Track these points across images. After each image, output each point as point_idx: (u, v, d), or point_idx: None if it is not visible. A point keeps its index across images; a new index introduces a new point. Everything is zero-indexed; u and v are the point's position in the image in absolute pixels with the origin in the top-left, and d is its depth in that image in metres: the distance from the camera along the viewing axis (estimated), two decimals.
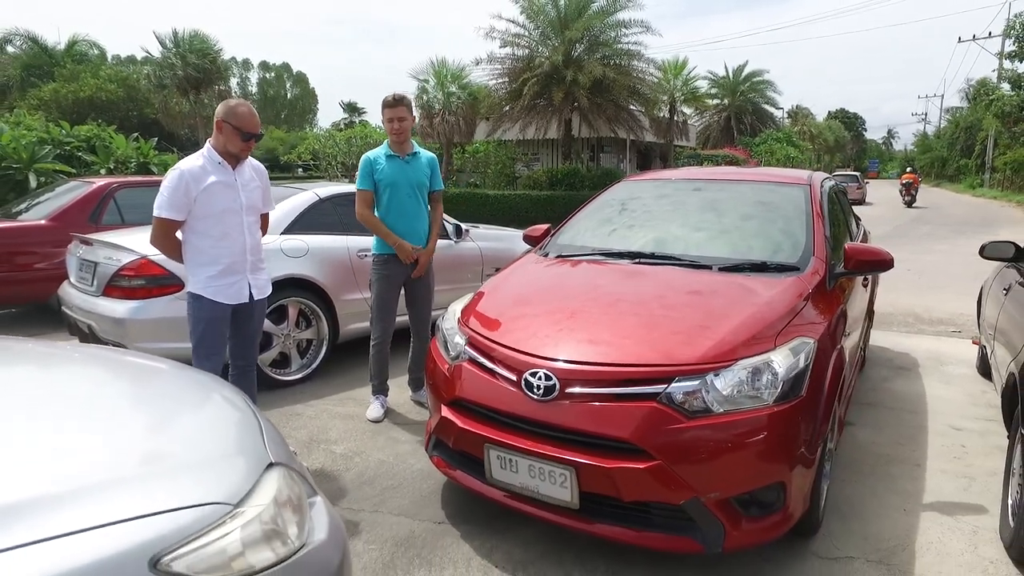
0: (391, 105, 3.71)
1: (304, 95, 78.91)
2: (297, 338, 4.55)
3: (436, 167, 3.94)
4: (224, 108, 2.90)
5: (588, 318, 2.57)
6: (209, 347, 2.99)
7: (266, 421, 1.78)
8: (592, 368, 2.28)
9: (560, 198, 17.69)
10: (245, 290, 3.05)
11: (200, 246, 2.92)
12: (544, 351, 2.39)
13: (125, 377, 1.91)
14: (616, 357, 2.30)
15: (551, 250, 3.49)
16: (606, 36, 19.28)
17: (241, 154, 2.96)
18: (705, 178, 3.91)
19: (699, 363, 2.25)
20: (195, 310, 2.96)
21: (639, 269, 3.03)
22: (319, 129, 46.29)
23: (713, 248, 3.17)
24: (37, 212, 6.39)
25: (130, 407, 1.65)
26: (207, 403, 1.74)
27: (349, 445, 3.54)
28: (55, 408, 1.52)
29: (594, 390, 2.26)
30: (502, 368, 2.45)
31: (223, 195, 2.90)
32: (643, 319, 2.52)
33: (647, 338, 2.38)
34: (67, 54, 31.77)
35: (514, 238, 6.23)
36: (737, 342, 2.33)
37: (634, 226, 3.56)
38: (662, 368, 2.24)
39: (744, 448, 2.17)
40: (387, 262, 3.81)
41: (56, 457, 1.25)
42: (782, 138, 35.31)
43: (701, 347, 2.30)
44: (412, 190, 3.78)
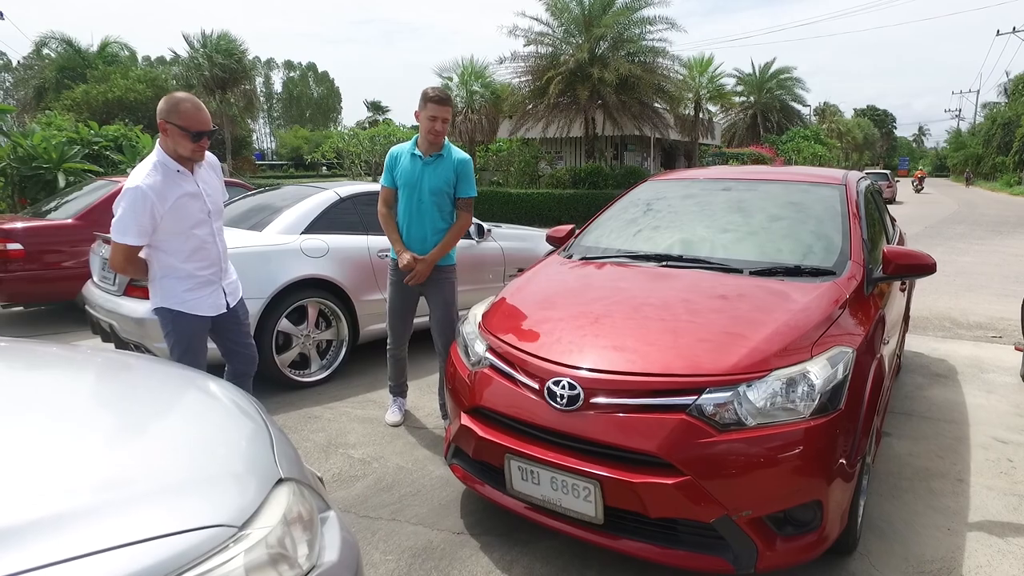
0: (438, 102, 3.32)
1: (329, 94, 79.56)
2: (316, 339, 4.51)
3: (467, 170, 3.51)
4: (165, 105, 2.54)
5: (614, 324, 2.47)
6: (195, 359, 2.76)
7: (276, 429, 1.71)
8: (618, 377, 2.18)
9: (583, 197, 17.55)
10: (222, 298, 2.86)
11: (171, 262, 2.69)
12: (568, 358, 2.30)
13: (124, 381, 1.84)
14: (643, 366, 2.20)
15: (575, 252, 3.40)
16: (631, 33, 19.09)
17: (194, 156, 2.64)
18: (734, 177, 3.78)
19: (731, 373, 2.14)
20: (175, 327, 2.74)
21: (667, 272, 2.92)
22: (343, 128, 46.62)
23: (743, 251, 3.05)
24: (65, 211, 6.47)
25: (126, 415, 1.56)
26: (213, 411, 1.67)
27: (368, 450, 3.48)
28: (40, 416, 1.46)
29: (620, 400, 2.16)
30: (524, 376, 2.36)
31: (191, 208, 2.65)
32: (671, 325, 2.41)
33: (676, 346, 2.27)
34: (99, 56, 32.38)
35: (537, 238, 6.14)
36: (771, 351, 2.21)
37: (661, 227, 3.44)
38: (692, 378, 2.13)
39: (779, 464, 2.06)
40: (399, 267, 3.63)
41: (42, 475, 1.17)
42: (810, 136, 34.66)
43: (733, 356, 2.19)
44: (427, 196, 3.43)
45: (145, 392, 1.77)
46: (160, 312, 2.79)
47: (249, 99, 28.86)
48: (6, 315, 6.61)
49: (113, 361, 2.08)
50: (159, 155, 2.61)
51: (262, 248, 4.25)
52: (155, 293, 2.77)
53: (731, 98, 30.32)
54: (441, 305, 3.67)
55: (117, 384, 1.84)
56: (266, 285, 4.15)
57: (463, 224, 3.60)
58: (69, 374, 1.84)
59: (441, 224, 3.54)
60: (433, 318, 3.71)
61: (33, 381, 1.75)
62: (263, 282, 4.14)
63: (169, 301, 2.74)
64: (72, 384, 1.76)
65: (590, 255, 3.28)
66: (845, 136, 44.65)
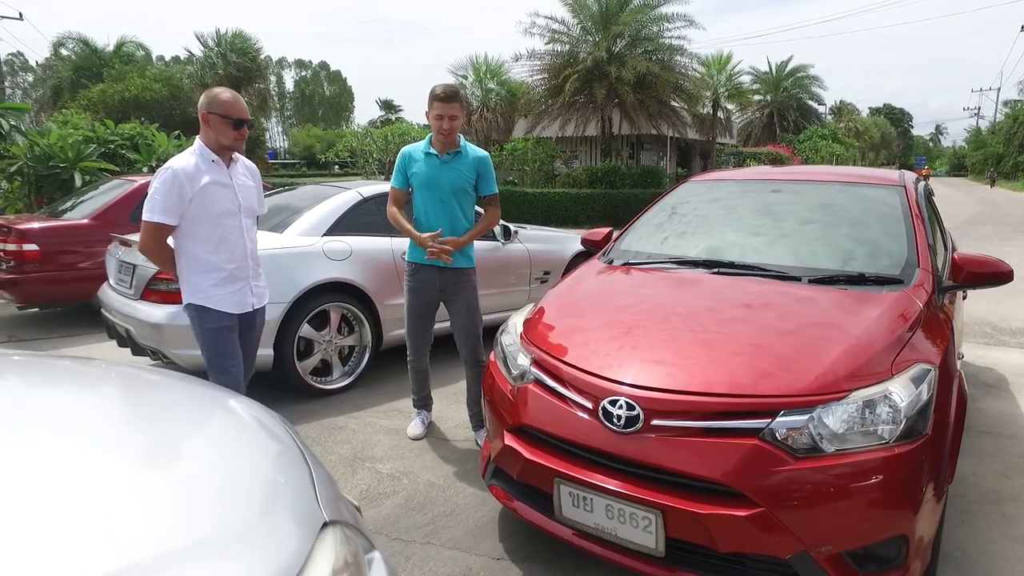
0: (444, 99, 3.17)
1: (341, 93, 79.74)
2: (339, 345, 4.35)
3: (487, 168, 3.39)
4: (206, 99, 2.67)
5: (671, 337, 2.28)
6: (225, 358, 2.77)
7: (313, 458, 1.53)
8: (682, 397, 2.00)
9: (600, 196, 17.34)
10: (248, 298, 2.84)
11: (197, 253, 2.69)
12: (624, 376, 2.11)
13: (143, 404, 1.66)
14: (709, 385, 2.01)
15: (616, 257, 3.21)
16: (649, 31, 18.85)
17: (235, 144, 2.72)
18: (782, 178, 3.57)
19: (806, 394, 1.94)
20: (201, 323, 2.73)
21: (720, 280, 2.73)
22: (356, 127, 46.63)
23: (799, 257, 2.85)
24: (81, 211, 6.36)
25: (147, 450, 1.35)
26: (244, 440, 1.49)
27: (396, 464, 3.31)
28: (46, 451, 1.27)
29: (684, 423, 1.97)
30: (575, 394, 2.18)
31: (220, 196, 2.68)
32: (734, 340, 2.22)
33: (743, 363, 2.08)
34: (115, 55, 32.52)
35: (564, 240, 5.96)
36: (848, 370, 2.02)
37: (707, 231, 3.24)
38: (764, 399, 1.94)
39: (861, 495, 1.87)
40: (417, 271, 3.40)
41: (52, 535, 0.97)
42: (827, 135, 34.20)
43: (807, 375, 2.00)
44: (449, 194, 3.29)
45: (167, 418, 1.59)
46: (188, 309, 2.77)
47: (263, 98, 28.89)
48: (22, 316, 6.51)
49: (130, 379, 1.90)
50: (198, 147, 2.69)
51: (283, 250, 4.10)
52: (184, 290, 2.77)
53: (749, 96, 29.92)
54: (464, 310, 3.48)
55: (136, 408, 1.67)
56: (287, 289, 3.99)
57: (492, 218, 3.47)
58: (80, 396, 1.67)
59: (463, 225, 3.38)
60: (455, 324, 3.53)
61: (40, 406, 1.57)
62: (284, 286, 3.98)
63: (195, 296, 2.73)
64: (84, 408, 1.57)
65: (633, 260, 3.09)
66: (863, 135, 44.09)
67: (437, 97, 3.20)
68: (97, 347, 4.52)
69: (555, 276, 5.77)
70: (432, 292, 3.46)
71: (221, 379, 2.75)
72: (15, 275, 5.80)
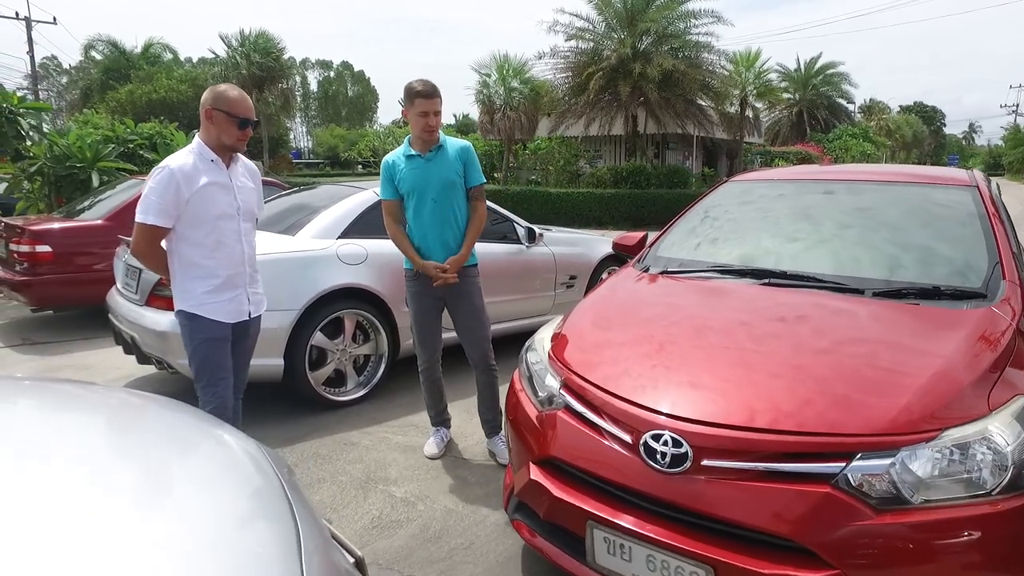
0: (427, 95, 2.99)
1: (365, 93, 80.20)
2: (353, 354, 4.12)
3: (471, 158, 3.20)
4: (211, 95, 2.50)
5: (722, 362, 1.99)
6: (214, 371, 2.58)
7: (303, 507, 1.29)
8: (738, 434, 1.71)
9: (625, 196, 17.01)
10: (244, 306, 2.66)
11: (192, 257, 2.52)
12: (669, 406, 1.83)
13: (113, 440, 1.45)
14: (770, 419, 1.72)
15: (652, 264, 2.92)
16: (675, 28, 18.43)
17: (237, 145, 2.56)
18: (834, 178, 3.25)
19: (888, 433, 1.65)
20: (192, 332, 2.56)
21: (772, 293, 2.43)
22: (379, 126, 46.77)
23: (861, 267, 2.54)
24: (96, 211, 6.24)
25: (117, 506, 1.15)
26: (226, 495, 1.26)
27: (411, 487, 3.06)
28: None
29: (741, 464, 1.69)
30: (612, 425, 1.91)
31: (218, 198, 2.51)
32: (794, 364, 1.93)
33: (809, 394, 1.79)
34: (142, 56, 32.93)
35: (591, 243, 5.68)
36: (936, 404, 1.72)
37: (752, 236, 2.94)
38: (838, 439, 1.65)
39: (955, 557, 1.57)
40: (418, 277, 3.21)
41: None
42: (858, 134, 33.35)
43: (887, 410, 1.70)
44: (441, 193, 3.11)
45: (141, 459, 1.37)
46: (179, 316, 2.60)
47: (287, 98, 28.95)
48: (36, 319, 6.40)
49: (107, 408, 1.69)
50: (196, 144, 2.53)
51: (295, 254, 3.88)
52: (176, 296, 2.59)
53: (779, 94, 29.24)
54: (468, 311, 3.27)
55: (107, 443, 1.44)
56: (299, 295, 3.77)
57: (481, 215, 3.26)
58: (42, 427, 1.45)
59: (460, 221, 3.20)
60: (461, 328, 3.31)
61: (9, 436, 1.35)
62: (296, 292, 3.77)
63: (187, 303, 2.55)
64: (35, 444, 1.35)
65: (672, 268, 2.80)
66: (894, 134, 42.94)
67: (419, 94, 3.01)
68: (110, 352, 4.38)
69: (582, 281, 5.50)
70: (435, 296, 3.26)
71: (209, 391, 2.59)
72: (28, 277, 5.68)
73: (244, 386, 2.87)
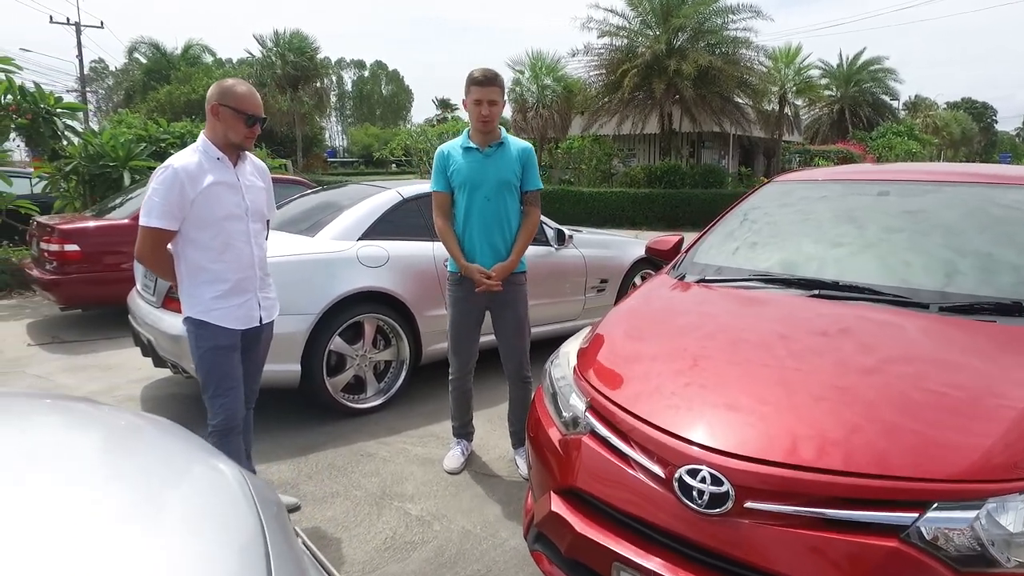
0: (481, 83, 2.87)
1: (399, 92, 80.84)
2: (374, 360, 3.97)
3: (532, 160, 3.07)
4: (218, 89, 2.38)
5: (768, 383, 1.76)
6: (221, 381, 2.45)
7: (280, 544, 1.14)
8: (790, 473, 1.49)
9: (659, 196, 16.65)
10: (255, 311, 2.53)
11: (199, 261, 2.39)
12: (709, 437, 1.62)
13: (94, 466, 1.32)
14: (828, 458, 1.50)
15: (689, 271, 2.69)
16: (712, 23, 18.00)
17: (244, 143, 2.43)
18: (890, 178, 2.96)
19: (969, 479, 1.41)
20: (199, 339, 2.43)
21: (824, 306, 2.19)
22: (412, 125, 47.02)
23: (923, 277, 2.27)
24: (124, 210, 6.23)
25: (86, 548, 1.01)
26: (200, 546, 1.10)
27: (428, 504, 2.90)
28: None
29: (791, 509, 1.46)
30: (642, 455, 1.70)
31: (225, 198, 2.38)
32: (855, 393, 1.70)
33: (872, 429, 1.55)
34: (182, 58, 33.59)
35: (623, 245, 5.46)
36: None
37: (799, 242, 2.69)
38: (909, 484, 1.42)
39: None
40: (462, 282, 3.06)
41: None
42: (903, 131, 32.21)
43: (970, 451, 1.46)
44: (495, 192, 2.97)
45: (103, 485, 1.23)
46: (186, 323, 2.47)
47: (320, 97, 29.22)
48: (66, 318, 6.44)
49: (100, 431, 1.58)
50: (202, 143, 2.41)
51: (314, 256, 3.74)
52: (183, 303, 2.46)
53: (820, 91, 28.41)
54: (512, 322, 3.10)
55: (91, 468, 1.31)
56: (318, 299, 3.64)
57: (534, 221, 3.08)
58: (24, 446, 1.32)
59: (512, 224, 3.03)
60: (501, 337, 3.15)
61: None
62: (314, 295, 3.63)
63: (195, 310, 2.42)
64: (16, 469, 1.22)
65: (711, 277, 2.57)
66: (942, 131, 41.36)
67: (474, 81, 2.88)
68: (134, 352, 4.34)
69: (613, 285, 5.27)
70: (478, 304, 3.10)
71: (216, 402, 2.46)
72: (57, 276, 5.70)
73: (255, 396, 2.75)
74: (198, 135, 2.51)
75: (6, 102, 7.57)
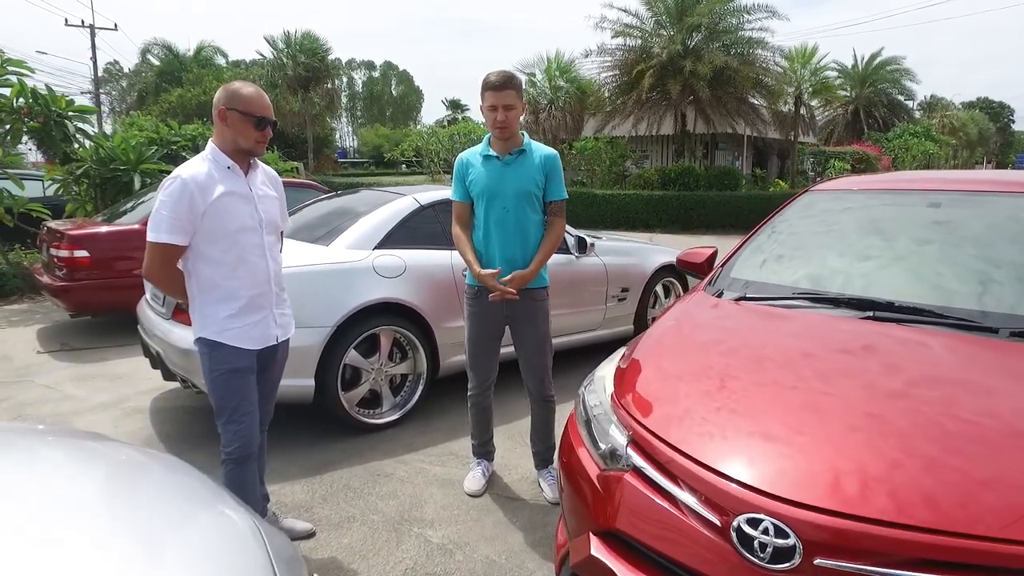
0: (496, 87, 2.69)
1: (409, 93, 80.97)
2: (390, 373, 3.84)
3: (556, 168, 2.88)
4: (224, 93, 2.23)
5: (839, 421, 1.60)
6: (238, 407, 2.30)
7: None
8: (870, 529, 1.32)
9: (673, 199, 16.45)
10: (271, 329, 2.38)
11: (211, 277, 2.24)
12: (771, 481, 1.46)
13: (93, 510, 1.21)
14: (917, 511, 1.33)
15: (727, 287, 2.53)
16: (727, 23, 17.77)
17: (256, 148, 2.28)
18: (942, 187, 2.77)
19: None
20: (213, 361, 2.28)
21: (882, 330, 2.02)
22: (422, 126, 46.99)
23: (993, 299, 2.10)
24: (134, 215, 6.14)
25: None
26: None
27: (449, 530, 2.75)
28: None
29: (871, 569, 1.30)
30: (695, 499, 1.54)
31: (237, 210, 2.24)
32: (933, 429, 1.53)
33: (961, 477, 1.39)
34: (194, 59, 33.68)
35: (644, 252, 5.30)
36: None
37: (846, 258, 2.52)
38: (1013, 548, 1.25)
39: None
40: (479, 295, 2.90)
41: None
42: (920, 132, 31.78)
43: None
44: (516, 202, 2.80)
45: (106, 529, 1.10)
46: (199, 345, 2.31)
47: (331, 98, 29.18)
48: (76, 324, 6.34)
49: (107, 470, 1.46)
50: (210, 150, 2.28)
51: (328, 266, 3.61)
52: (195, 322, 2.31)
53: (836, 92, 28.05)
54: (532, 338, 2.95)
55: (94, 510, 1.18)
56: (333, 311, 3.50)
57: (558, 232, 2.90)
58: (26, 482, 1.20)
59: (532, 237, 2.86)
60: (521, 354, 3.00)
61: None
62: (329, 307, 3.50)
63: (208, 330, 2.27)
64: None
65: (752, 294, 2.41)
66: (959, 132, 40.80)
67: (489, 85, 2.72)
68: (143, 360, 4.23)
69: (634, 294, 5.11)
70: (497, 319, 2.95)
71: (231, 429, 2.31)
72: (66, 282, 5.61)
73: (270, 418, 2.61)
74: (210, 136, 2.36)
75: (18, 105, 7.50)
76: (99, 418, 4.00)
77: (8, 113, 7.45)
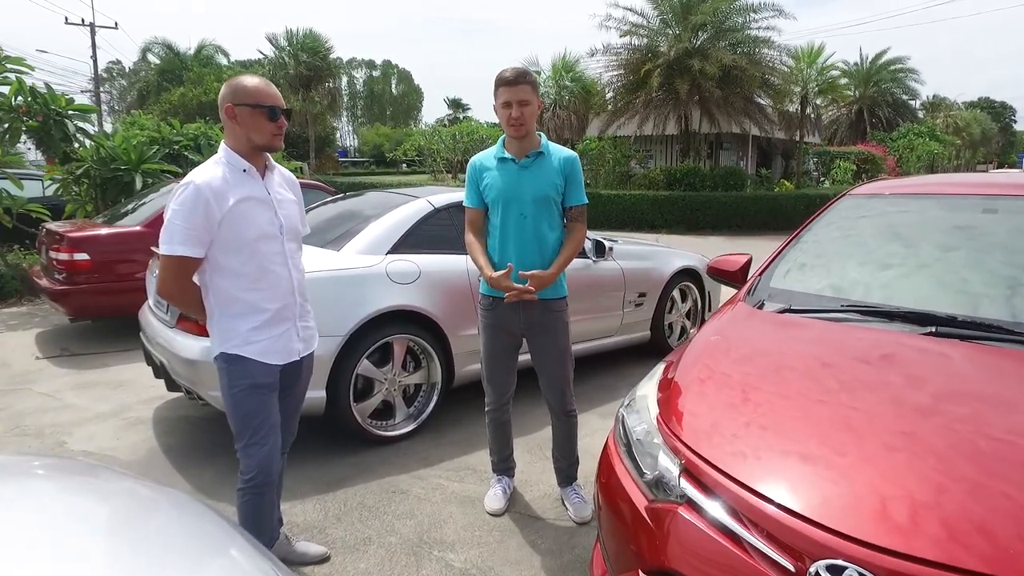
0: (509, 82, 2.53)
1: (409, 92, 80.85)
2: (403, 383, 3.69)
3: (576, 171, 2.71)
4: (228, 90, 2.06)
5: (928, 453, 1.45)
6: (259, 428, 2.14)
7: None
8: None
9: (678, 199, 16.31)
10: (294, 343, 2.22)
11: (230, 291, 2.07)
12: (855, 525, 1.31)
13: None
14: (1006, 562, 1.18)
15: (768, 298, 2.38)
16: (732, 22, 17.63)
17: (274, 142, 2.11)
18: (998, 192, 2.59)
19: None
20: (234, 377, 2.10)
21: (949, 348, 1.87)
22: (424, 125, 46.85)
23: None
24: (135, 217, 5.99)
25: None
26: None
27: (471, 554, 2.60)
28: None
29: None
30: (762, 540, 1.39)
31: (256, 216, 2.07)
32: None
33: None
34: (195, 58, 33.52)
35: (663, 256, 5.15)
36: None
37: (897, 268, 2.37)
38: None
39: None
40: (495, 306, 2.74)
41: None
42: (924, 132, 31.65)
43: None
44: (534, 208, 2.63)
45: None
46: (218, 361, 2.14)
47: (333, 97, 29.03)
48: (76, 328, 6.20)
49: (109, 507, 1.32)
50: (223, 152, 2.11)
51: (340, 272, 3.46)
52: (214, 338, 2.14)
53: (843, 91, 27.90)
54: (552, 351, 2.79)
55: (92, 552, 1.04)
56: (345, 319, 3.35)
57: (579, 238, 2.73)
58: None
59: (550, 245, 2.68)
60: (541, 369, 2.84)
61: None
62: (342, 315, 3.35)
63: (228, 344, 2.10)
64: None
65: (797, 306, 2.26)
66: (962, 132, 40.65)
67: (503, 81, 2.55)
68: (146, 367, 4.09)
69: (651, 299, 4.96)
70: (514, 331, 2.79)
71: (252, 453, 2.15)
72: (66, 286, 5.46)
73: (292, 439, 2.45)
74: (212, 135, 2.20)
75: (16, 103, 7.35)
76: (100, 429, 3.85)
77: (6, 111, 7.31)
